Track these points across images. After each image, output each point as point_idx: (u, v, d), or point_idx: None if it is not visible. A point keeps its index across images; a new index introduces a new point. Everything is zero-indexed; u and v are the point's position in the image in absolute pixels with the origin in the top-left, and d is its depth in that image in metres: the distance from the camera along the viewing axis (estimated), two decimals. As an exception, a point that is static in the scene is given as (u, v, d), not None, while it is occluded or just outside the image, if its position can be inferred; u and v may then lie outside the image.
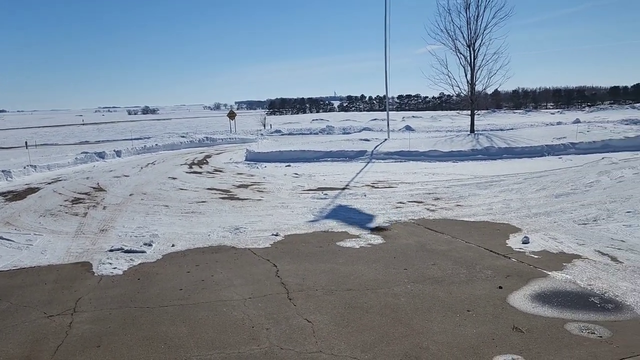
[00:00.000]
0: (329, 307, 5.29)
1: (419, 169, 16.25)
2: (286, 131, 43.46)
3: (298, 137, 35.64)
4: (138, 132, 50.66)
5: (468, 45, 25.76)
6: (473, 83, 26.16)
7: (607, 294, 5.38)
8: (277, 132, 43.10)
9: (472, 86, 26.24)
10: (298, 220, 9.36)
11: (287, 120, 75.08)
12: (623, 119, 35.20)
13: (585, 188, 11.32)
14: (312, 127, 47.64)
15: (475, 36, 25.55)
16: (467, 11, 25.67)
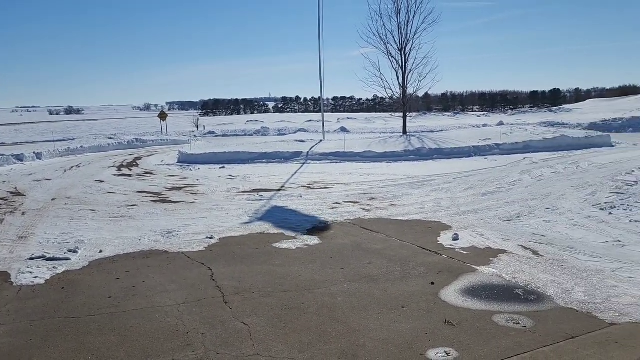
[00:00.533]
0: (265, 309, 5.24)
1: (354, 169, 16.50)
2: (220, 132, 42.75)
3: (232, 139, 35.19)
4: (61, 133, 47.94)
5: (399, 49, 26.48)
6: (405, 86, 26.91)
7: (529, 286, 5.69)
8: (211, 134, 42.32)
9: (403, 89, 26.98)
10: (233, 222, 9.22)
11: (221, 121, 73.79)
12: (542, 121, 37.47)
13: (509, 187, 11.93)
14: (247, 128, 47.16)
15: (406, 40, 26.31)
16: (397, 16, 26.39)
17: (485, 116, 60.29)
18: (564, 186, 11.68)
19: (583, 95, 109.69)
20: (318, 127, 41.62)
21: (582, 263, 6.37)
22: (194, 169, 17.97)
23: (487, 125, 38.42)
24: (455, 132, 26.10)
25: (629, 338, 4.40)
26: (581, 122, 34.88)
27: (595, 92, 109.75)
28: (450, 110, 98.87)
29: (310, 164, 18.40)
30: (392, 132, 34.73)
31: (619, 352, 4.16)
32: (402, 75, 26.77)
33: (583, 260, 6.46)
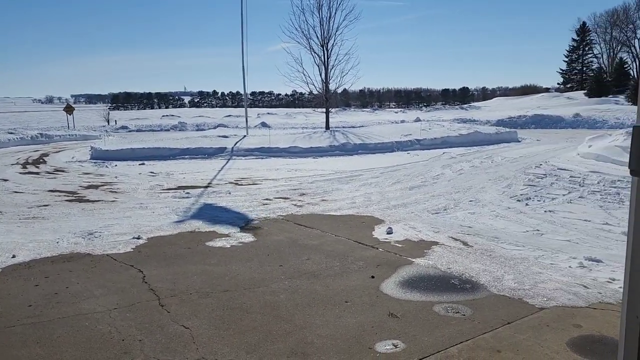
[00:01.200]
0: (206, 311, 5.04)
1: (281, 165, 16.40)
2: (134, 127, 40.90)
3: (148, 134, 33.72)
4: (-47, 127, 43.52)
5: (322, 45, 26.68)
6: (327, 82, 27.18)
7: (463, 275, 5.92)
8: (124, 129, 40.37)
9: (326, 85, 27.23)
10: (161, 221, 8.81)
11: (133, 115, 70.46)
12: (455, 118, 39.41)
13: (433, 180, 12.41)
14: (163, 123, 45.44)
15: (328, 36, 26.57)
16: (319, 12, 26.56)
17: (402, 112, 62.38)
18: (482, 179, 12.33)
19: (489, 93, 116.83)
20: (238, 122, 41.02)
21: (508, 252, 6.73)
22: (110, 166, 17.00)
23: (405, 121, 39.74)
24: (377, 128, 26.76)
25: (557, 321, 4.69)
26: (490, 119, 37.13)
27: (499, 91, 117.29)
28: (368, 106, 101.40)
29: (235, 160, 18.06)
30: (314, 127, 34.94)
31: (551, 334, 4.42)
32: (324, 71, 27.03)
33: (508, 249, 6.83)
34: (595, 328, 4.51)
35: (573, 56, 68.21)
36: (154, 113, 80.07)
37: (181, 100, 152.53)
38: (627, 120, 32.49)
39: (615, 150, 14.51)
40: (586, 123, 33.95)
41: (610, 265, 6.06)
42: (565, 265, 6.16)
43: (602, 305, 5.01)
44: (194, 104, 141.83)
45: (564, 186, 11.08)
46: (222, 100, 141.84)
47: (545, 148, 19.92)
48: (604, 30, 66.80)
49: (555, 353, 4.11)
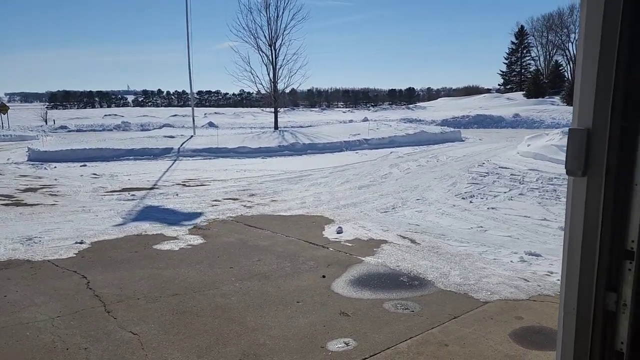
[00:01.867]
0: (155, 316, 4.93)
1: (230, 165, 16.22)
2: (74, 127, 39.33)
3: (90, 134, 32.51)
4: None
5: (269, 44, 26.58)
6: (275, 81, 27.10)
7: (412, 272, 6.07)
8: (63, 129, 38.74)
9: (274, 84, 27.15)
10: (105, 224, 8.52)
11: (73, 115, 67.50)
12: (401, 118, 40.24)
13: (382, 180, 12.63)
14: (105, 123, 43.89)
15: (276, 36, 26.50)
16: (267, 11, 26.46)
17: (350, 112, 63.05)
18: (429, 178, 12.67)
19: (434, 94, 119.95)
20: (184, 122, 40.22)
21: (454, 248, 6.96)
22: (49, 168, 16.27)
23: (353, 120, 40.19)
24: (326, 128, 26.94)
25: (501, 313, 4.90)
26: (435, 118, 38.15)
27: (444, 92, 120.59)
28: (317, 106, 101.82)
29: (182, 161, 17.70)
30: (262, 127, 34.76)
31: (495, 327, 4.62)
32: (272, 71, 26.94)
33: (454, 246, 7.06)
34: (536, 319, 4.75)
35: (512, 58, 71.12)
36: (95, 112, 77.09)
37: (124, 99, 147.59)
38: (563, 120, 34.27)
39: (552, 149, 15.28)
40: (525, 123, 35.51)
41: (549, 259, 6.38)
42: (507, 260, 6.43)
43: (542, 297, 5.28)
44: (138, 103, 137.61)
45: (505, 184, 11.56)
46: (167, 99, 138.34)
47: (487, 147, 20.69)
48: (540, 34, 70.06)
49: (499, 345, 4.29)
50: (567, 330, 2.20)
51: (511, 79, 72.04)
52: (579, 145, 2.03)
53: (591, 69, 1.92)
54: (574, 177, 2.12)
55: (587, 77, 1.95)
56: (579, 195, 2.06)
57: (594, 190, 2.01)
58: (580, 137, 2.02)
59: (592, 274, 2.07)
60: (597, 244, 2.03)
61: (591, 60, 1.90)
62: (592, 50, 1.90)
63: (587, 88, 1.96)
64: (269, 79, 27.15)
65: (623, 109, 1.90)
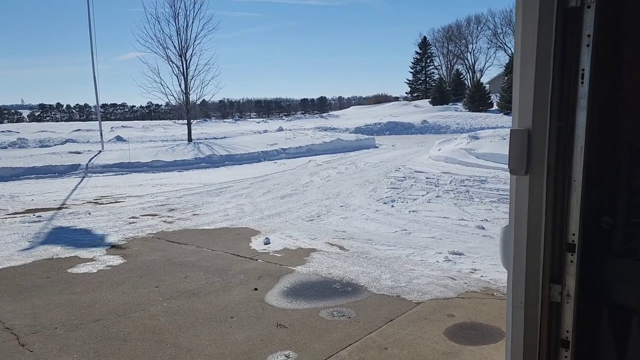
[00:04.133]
0: (77, 345, 4.54)
1: (144, 180, 15.48)
2: (-39, 146, 35.73)
3: (-18, 152, 29.69)
4: None
5: (180, 54, 25.85)
6: (187, 92, 26.38)
7: (344, 279, 6.10)
8: (-51, 147, 35.06)
9: (186, 95, 26.43)
10: (9, 250, 7.76)
11: (-39, 132, 61.64)
12: (316, 126, 40.70)
13: (304, 188, 12.65)
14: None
15: (187, 46, 25.82)
16: (176, 21, 25.72)
17: (264, 122, 62.78)
18: (349, 185, 12.88)
19: (345, 102, 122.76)
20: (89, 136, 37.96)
21: (382, 252, 7.10)
22: None
23: (267, 131, 40.07)
24: (242, 139, 26.63)
25: (433, 313, 5.05)
26: (349, 126, 39.00)
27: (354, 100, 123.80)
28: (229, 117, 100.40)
29: (91, 177, 16.62)
30: (174, 140, 33.63)
31: (430, 326, 4.74)
32: (184, 82, 26.21)
33: (382, 250, 7.20)
34: (466, 316, 4.94)
35: (417, 67, 74.56)
36: (-15, 129, 70.65)
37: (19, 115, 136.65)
38: (466, 125, 36.46)
39: (461, 152, 16.15)
40: (433, 128, 37.34)
41: (471, 256, 6.69)
42: (433, 261, 6.66)
43: (469, 294, 5.51)
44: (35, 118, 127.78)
45: (422, 187, 12.03)
46: (68, 113, 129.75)
47: (401, 152, 21.47)
48: (441, 44, 74.18)
49: (435, 343, 4.41)
50: (516, 323, 2.28)
51: (417, 87, 75.47)
52: (520, 145, 2.11)
53: (529, 71, 2.01)
54: (516, 176, 2.21)
55: (525, 80, 2.04)
56: (522, 193, 2.14)
57: (536, 188, 2.10)
58: (521, 138, 2.11)
59: (537, 268, 2.16)
60: (541, 238, 2.12)
61: (529, 62, 1.99)
62: (528, 52, 2.00)
63: (526, 90, 2.05)
64: (181, 90, 26.40)
65: (559, 109, 2.01)
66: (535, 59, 2.00)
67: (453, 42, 71.84)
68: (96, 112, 27.22)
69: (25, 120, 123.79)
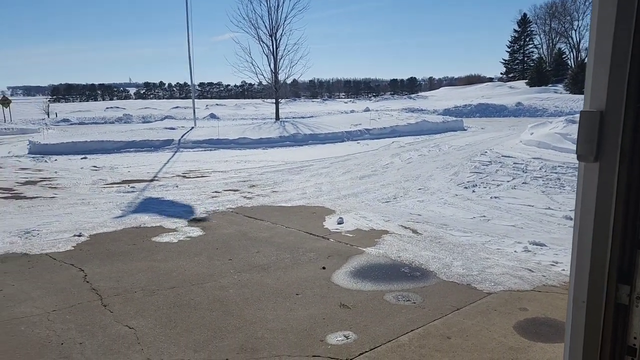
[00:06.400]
0: (151, 309, 4.83)
1: (230, 156, 16.10)
2: (76, 120, 39.26)
3: (92, 127, 32.44)
4: None
5: (270, 34, 26.36)
6: (276, 72, 26.89)
7: (413, 263, 5.96)
8: (65, 122, 38.69)
9: (275, 75, 26.95)
10: (104, 217, 8.43)
11: (76, 108, 67.56)
12: (403, 107, 40.01)
13: (383, 170, 12.50)
14: (107, 115, 43.83)
15: (277, 26, 26.26)
16: (267, 1, 26.18)
17: (352, 102, 62.80)
18: (430, 167, 12.53)
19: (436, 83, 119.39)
20: (186, 114, 40.05)
21: (456, 238, 6.84)
22: (50, 161, 16.18)
23: (354, 111, 39.99)
24: (327, 118, 26.76)
25: (505, 305, 4.79)
26: (437, 108, 37.90)
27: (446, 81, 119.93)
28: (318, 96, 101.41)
29: (183, 152, 17.58)
30: (263, 118, 34.60)
31: (499, 318, 4.51)
32: (273, 61, 26.73)
33: (457, 236, 6.94)
34: (541, 311, 4.63)
35: (515, 47, 70.51)
36: (97, 105, 77.00)
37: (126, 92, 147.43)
38: (566, 109, 33.98)
39: (556, 137, 15.09)
40: (527, 111, 35.24)
41: (553, 248, 6.26)
42: (511, 250, 6.31)
43: (546, 288, 5.16)
44: (140, 95, 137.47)
45: (509, 172, 11.42)
46: (169, 91, 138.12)
47: (490, 136, 20.51)
48: (543, 22, 69.43)
49: (503, 337, 4.19)
50: (576, 323, 2.08)
51: (514, 67, 71.48)
52: (591, 128, 1.89)
53: (605, 45, 1.78)
54: (585, 162, 1.99)
55: (600, 55, 1.81)
56: (591, 182, 1.93)
57: (606, 177, 1.88)
58: (593, 120, 1.88)
59: (603, 265, 1.95)
60: (609, 233, 1.90)
61: (605, 35, 1.76)
62: (606, 23, 1.76)
63: (600, 66, 1.82)
64: (270, 70, 26.96)
65: (638, 88, 1.77)
66: (613, 31, 1.77)
67: (556, 19, 66.94)
68: (192, 91, 28.54)
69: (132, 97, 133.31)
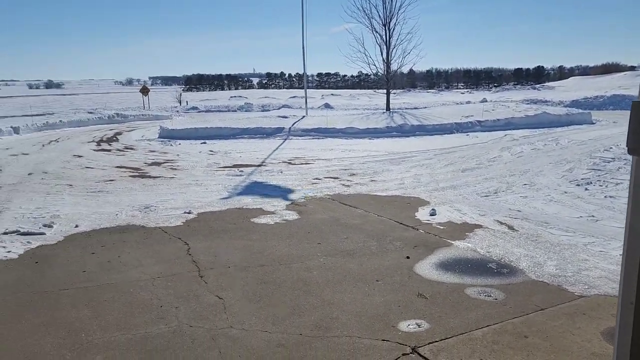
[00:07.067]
0: (241, 284, 5.24)
1: (336, 145, 16.47)
2: (203, 108, 42.35)
3: (215, 114, 34.83)
4: (40, 107, 47.03)
5: (383, 24, 26.27)
6: (389, 62, 26.77)
7: (503, 259, 5.76)
8: (194, 109, 41.90)
9: (387, 65, 26.84)
10: (212, 197, 9.17)
11: (204, 97, 72.96)
12: (524, 98, 37.70)
13: (489, 163, 12.02)
14: (230, 104, 46.78)
15: (391, 15, 26.11)
16: (383, -10, 26.06)
17: (469, 93, 60.47)
18: (542, 162, 11.80)
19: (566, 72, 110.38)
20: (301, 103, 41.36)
21: (556, 237, 6.46)
22: (174, 144, 17.78)
23: (470, 102, 38.56)
24: (438, 109, 26.14)
25: (596, 309, 4.49)
26: (563, 99, 35.18)
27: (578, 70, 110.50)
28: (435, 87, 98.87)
29: (292, 140, 18.32)
30: (375, 108, 34.66)
31: (586, 322, 4.25)
32: (386, 51, 26.65)
33: (556, 235, 6.56)
34: (634, 319, 4.28)
35: (663, 31, 62.82)
36: (223, 94, 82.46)
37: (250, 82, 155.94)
38: None
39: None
40: (673, 104, 31.35)
41: (665, 254, 5.67)
42: (616, 254, 5.83)
43: (647, 295, 4.73)
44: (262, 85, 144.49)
45: (632, 171, 10.39)
46: (289, 81, 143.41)
47: (620, 130, 18.64)
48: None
49: (587, 342, 3.96)
50: (624, 324, 2.00)
51: (661, 54, 63.77)
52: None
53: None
54: (637, 156, 1.89)
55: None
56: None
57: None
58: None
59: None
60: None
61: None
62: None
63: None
64: (382, 60, 26.90)
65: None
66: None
67: None
68: (304, 81, 29.45)
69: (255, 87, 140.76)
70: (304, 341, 4.07)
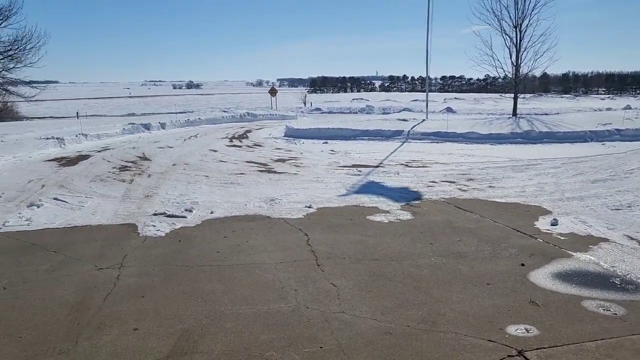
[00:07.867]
0: (354, 274, 5.60)
1: (455, 150, 16.23)
2: (326, 109, 43.70)
3: (337, 116, 35.84)
4: (182, 106, 51.94)
5: (514, 26, 25.08)
6: (518, 65, 25.54)
7: (629, 275, 5.47)
8: (317, 110, 43.41)
9: (516, 68, 25.63)
10: (331, 194, 9.66)
11: (327, 98, 75.09)
12: (678, 106, 33.65)
13: (625, 175, 11.13)
14: (352, 106, 47.68)
15: (523, 16, 24.83)
16: (515, -10, 24.93)
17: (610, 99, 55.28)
18: (690, 177, 10.67)
19: None
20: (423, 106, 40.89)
21: (694, 258, 5.95)
22: (298, 143, 18.74)
23: (611, 109, 35.34)
24: (571, 116, 24.40)
25: None
26: None
27: None
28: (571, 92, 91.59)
29: (410, 143, 18.37)
30: (501, 113, 33.26)
31: None
32: (515, 54, 25.43)
33: (696, 255, 6.02)
34: None
35: None
36: (345, 96, 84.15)
37: (372, 85, 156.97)
38: None
39: None
40: None
41: None
42: None
43: None
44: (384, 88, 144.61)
45: None
46: (411, 84, 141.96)
47: None
48: None
49: None
50: None
51: None
52: None
53: None
54: None
55: None
56: None
57: None
58: None
59: None
60: None
61: None
62: None
63: None
64: (511, 63, 25.72)
65: None
66: None
67: None
68: (426, 84, 29.14)
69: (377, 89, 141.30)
70: (411, 332, 4.30)
